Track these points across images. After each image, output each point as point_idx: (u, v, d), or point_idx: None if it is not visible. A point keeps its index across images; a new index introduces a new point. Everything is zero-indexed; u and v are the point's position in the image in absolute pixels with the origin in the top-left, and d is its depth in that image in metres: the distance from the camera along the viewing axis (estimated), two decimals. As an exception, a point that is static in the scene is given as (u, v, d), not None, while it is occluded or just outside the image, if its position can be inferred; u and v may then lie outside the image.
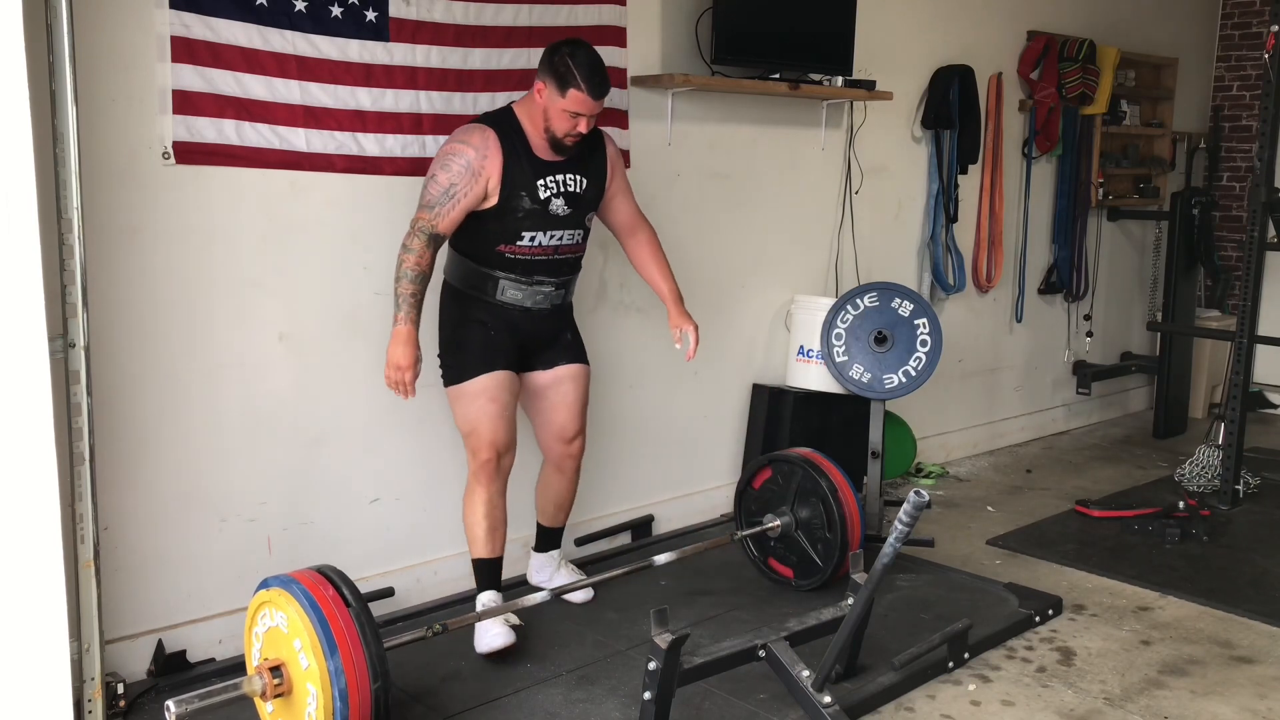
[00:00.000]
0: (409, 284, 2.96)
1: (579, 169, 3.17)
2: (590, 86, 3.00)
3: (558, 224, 3.14)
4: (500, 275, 3.13)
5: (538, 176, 3.08)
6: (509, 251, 3.11)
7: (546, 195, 3.10)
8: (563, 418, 3.35)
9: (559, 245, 3.17)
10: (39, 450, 2.25)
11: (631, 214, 3.41)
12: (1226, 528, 4.44)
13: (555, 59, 3.01)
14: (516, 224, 3.09)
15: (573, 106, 3.00)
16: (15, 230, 2.18)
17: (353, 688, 2.37)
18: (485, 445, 3.13)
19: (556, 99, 3.00)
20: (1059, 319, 6.02)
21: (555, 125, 3.04)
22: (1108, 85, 5.66)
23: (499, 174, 3.03)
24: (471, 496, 3.19)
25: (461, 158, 3.01)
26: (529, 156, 3.08)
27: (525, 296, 3.17)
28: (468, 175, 3.00)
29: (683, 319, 3.41)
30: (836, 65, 4.33)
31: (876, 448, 4.18)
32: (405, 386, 3.00)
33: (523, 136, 3.08)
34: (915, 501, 2.34)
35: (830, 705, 2.66)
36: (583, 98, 2.99)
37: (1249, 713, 2.96)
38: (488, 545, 3.19)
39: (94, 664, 2.65)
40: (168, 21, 2.87)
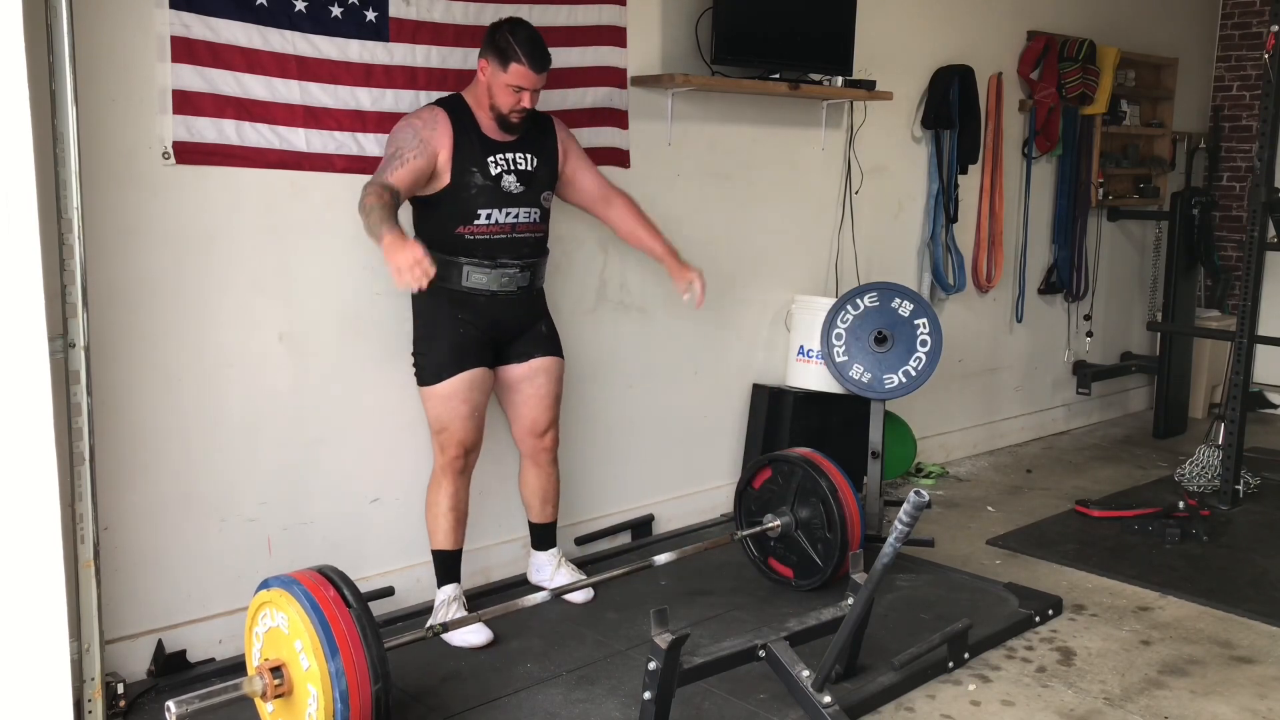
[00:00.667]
0: (380, 210, 2.84)
1: (529, 149, 3.23)
2: (531, 61, 3.06)
3: (512, 201, 3.18)
4: (463, 260, 3.16)
5: (487, 154, 3.14)
6: (468, 233, 3.15)
7: (498, 171, 3.15)
8: (535, 411, 3.39)
9: (516, 223, 3.20)
10: (39, 450, 2.25)
11: (599, 185, 3.45)
12: (1226, 528, 4.44)
13: (496, 36, 3.09)
14: (471, 201, 3.13)
15: (515, 80, 3.07)
16: (15, 230, 2.18)
17: (354, 689, 2.37)
18: (454, 444, 3.21)
19: (499, 75, 3.07)
20: (1059, 319, 6.02)
21: (500, 101, 3.10)
22: (1108, 85, 5.66)
23: (449, 149, 3.08)
24: (436, 489, 3.26)
25: (409, 128, 3.07)
26: (478, 134, 3.14)
27: (490, 280, 3.19)
28: (416, 143, 3.04)
29: (684, 269, 3.46)
30: (836, 65, 4.33)
31: (876, 448, 4.18)
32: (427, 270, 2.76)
33: (471, 116, 3.15)
34: (915, 501, 2.34)
35: (830, 705, 2.66)
36: (524, 71, 3.06)
37: (1249, 713, 2.96)
38: (451, 537, 3.26)
39: (94, 664, 2.65)
40: (168, 21, 2.86)
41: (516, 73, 3.06)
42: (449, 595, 3.26)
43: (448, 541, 3.27)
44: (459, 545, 3.29)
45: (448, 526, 3.25)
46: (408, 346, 3.43)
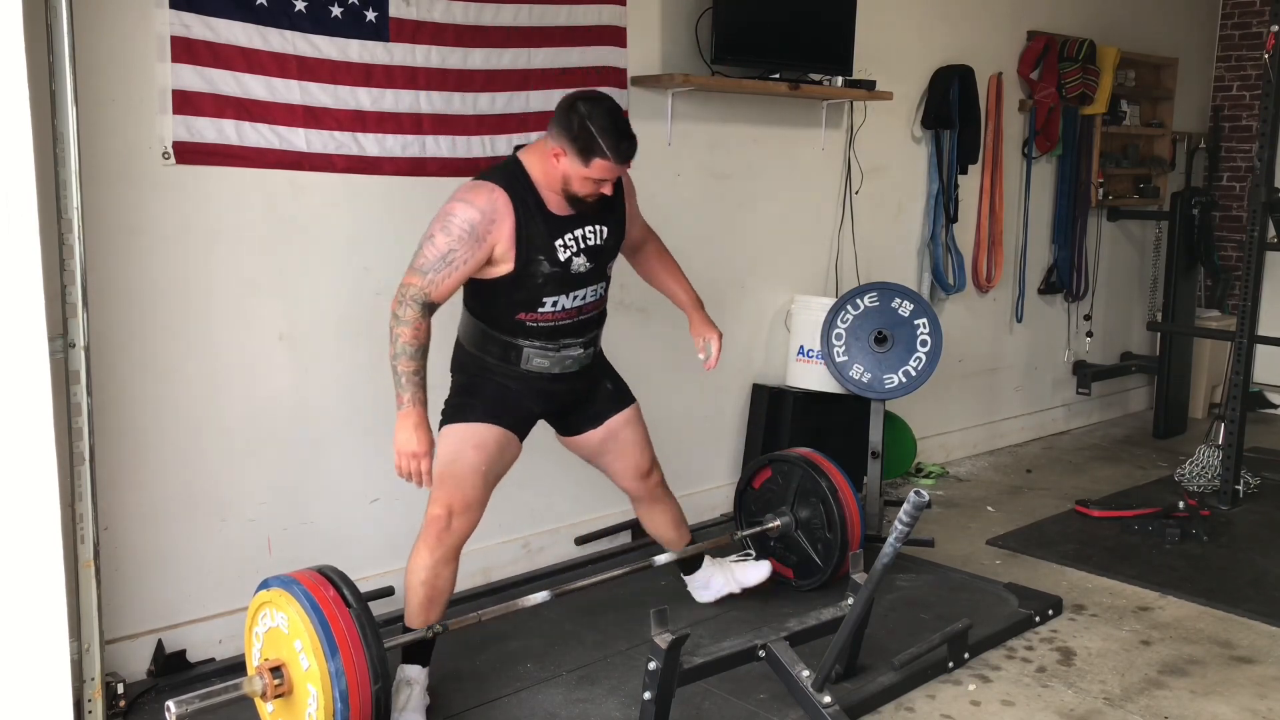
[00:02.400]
0: (409, 360, 2.65)
1: (598, 217, 2.86)
2: (618, 154, 2.69)
3: (580, 283, 2.85)
4: (524, 344, 2.85)
5: (555, 236, 2.76)
6: (530, 320, 2.83)
7: (566, 256, 2.79)
8: (632, 460, 3.17)
9: (583, 305, 2.89)
10: (39, 450, 2.25)
11: (641, 232, 3.17)
12: (1226, 528, 4.44)
13: (573, 121, 2.66)
14: (537, 290, 2.79)
15: (598, 175, 2.70)
16: (15, 230, 2.18)
17: (353, 689, 2.37)
18: (444, 497, 2.77)
19: (578, 168, 2.68)
20: (1059, 319, 6.02)
21: (577, 189, 2.73)
22: (1108, 85, 5.66)
23: (510, 238, 2.71)
24: (415, 558, 2.80)
25: (464, 219, 2.67)
26: (543, 215, 2.75)
27: (553, 364, 2.90)
28: (470, 240, 2.67)
29: (705, 326, 3.21)
30: (836, 65, 4.33)
31: (876, 448, 4.18)
32: (421, 475, 2.69)
33: (535, 193, 2.75)
34: (915, 501, 2.34)
35: (830, 705, 2.66)
36: (609, 166, 2.69)
37: (1249, 713, 2.96)
38: (421, 615, 2.80)
39: (94, 664, 2.65)
40: (168, 21, 2.86)
41: (601, 168, 2.68)
42: (409, 677, 2.80)
43: (417, 618, 2.79)
44: (426, 625, 2.81)
45: (418, 601, 2.79)
46: (408, 346, 3.43)
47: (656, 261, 3.24)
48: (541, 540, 3.87)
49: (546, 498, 3.85)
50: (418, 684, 2.81)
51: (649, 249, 3.23)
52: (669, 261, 3.26)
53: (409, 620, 2.82)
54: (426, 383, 2.71)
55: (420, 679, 2.82)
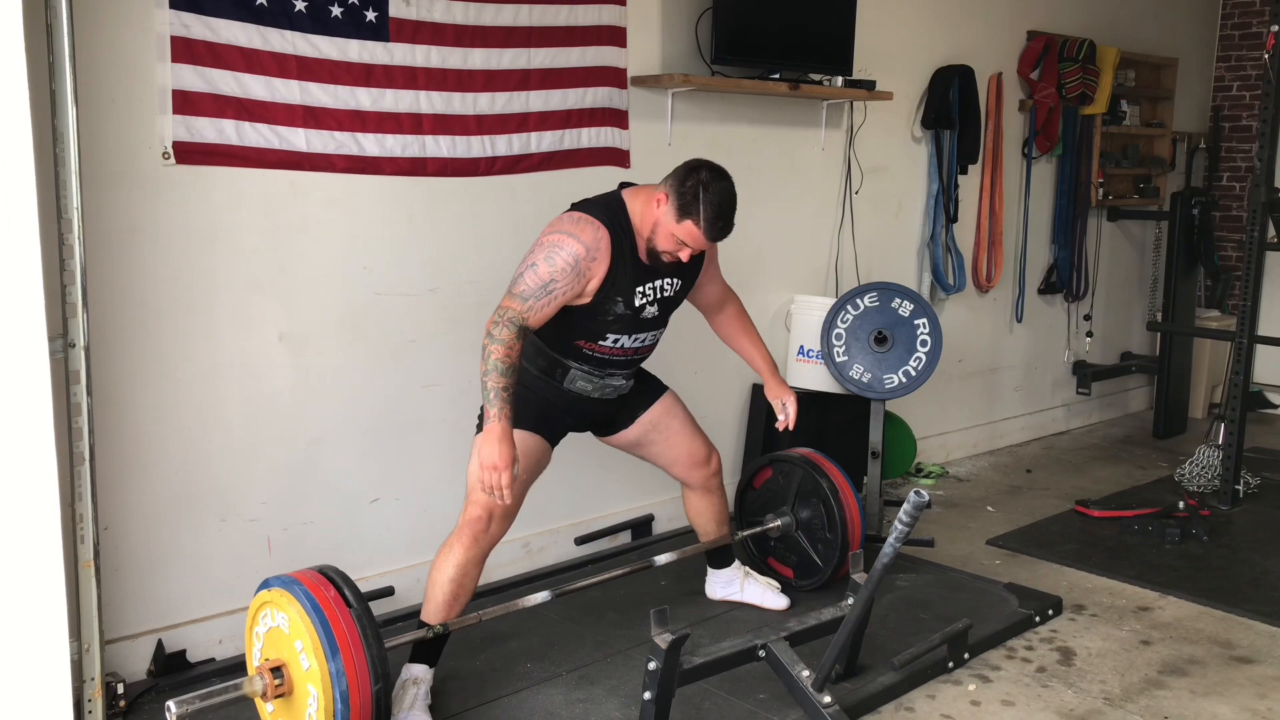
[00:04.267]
0: (500, 377, 2.67)
1: (679, 272, 2.97)
2: (710, 229, 2.79)
3: (644, 327, 2.96)
4: (573, 366, 2.94)
5: (638, 283, 2.87)
6: (588, 348, 2.92)
7: (642, 303, 2.90)
8: (685, 446, 3.23)
9: (640, 346, 3.00)
10: (39, 450, 2.25)
11: (720, 290, 3.26)
12: (1226, 528, 4.44)
13: (688, 180, 2.78)
14: (604, 326, 2.88)
15: (684, 236, 2.80)
16: (15, 230, 2.18)
17: (354, 689, 2.37)
18: (486, 499, 2.78)
19: (671, 220, 2.78)
20: (1059, 319, 6.02)
21: (659, 242, 2.83)
22: (1108, 85, 5.66)
23: (602, 278, 2.80)
24: (447, 554, 2.82)
25: (569, 253, 2.74)
26: (634, 261, 2.85)
27: (595, 389, 2.99)
28: (572, 275, 2.74)
29: (781, 389, 3.31)
30: (836, 65, 4.33)
31: (876, 448, 4.18)
32: (502, 490, 2.67)
33: (631, 238, 2.84)
34: (915, 501, 2.34)
35: (830, 705, 2.66)
36: (698, 234, 2.79)
37: (1249, 713, 2.96)
38: (443, 612, 2.81)
39: (94, 664, 2.65)
40: (168, 21, 2.86)
41: (689, 232, 2.78)
42: (415, 676, 2.81)
43: (438, 614, 2.80)
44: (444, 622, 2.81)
45: (442, 600, 2.80)
46: (408, 345, 3.44)
47: (735, 324, 3.35)
48: (541, 540, 3.87)
49: (546, 498, 3.84)
50: (424, 683, 2.81)
51: (729, 311, 3.33)
52: (748, 325, 3.37)
53: (428, 616, 2.82)
54: (514, 401, 2.71)
55: (426, 679, 2.82)
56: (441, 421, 3.53)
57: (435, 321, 3.50)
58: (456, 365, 3.54)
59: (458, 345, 3.54)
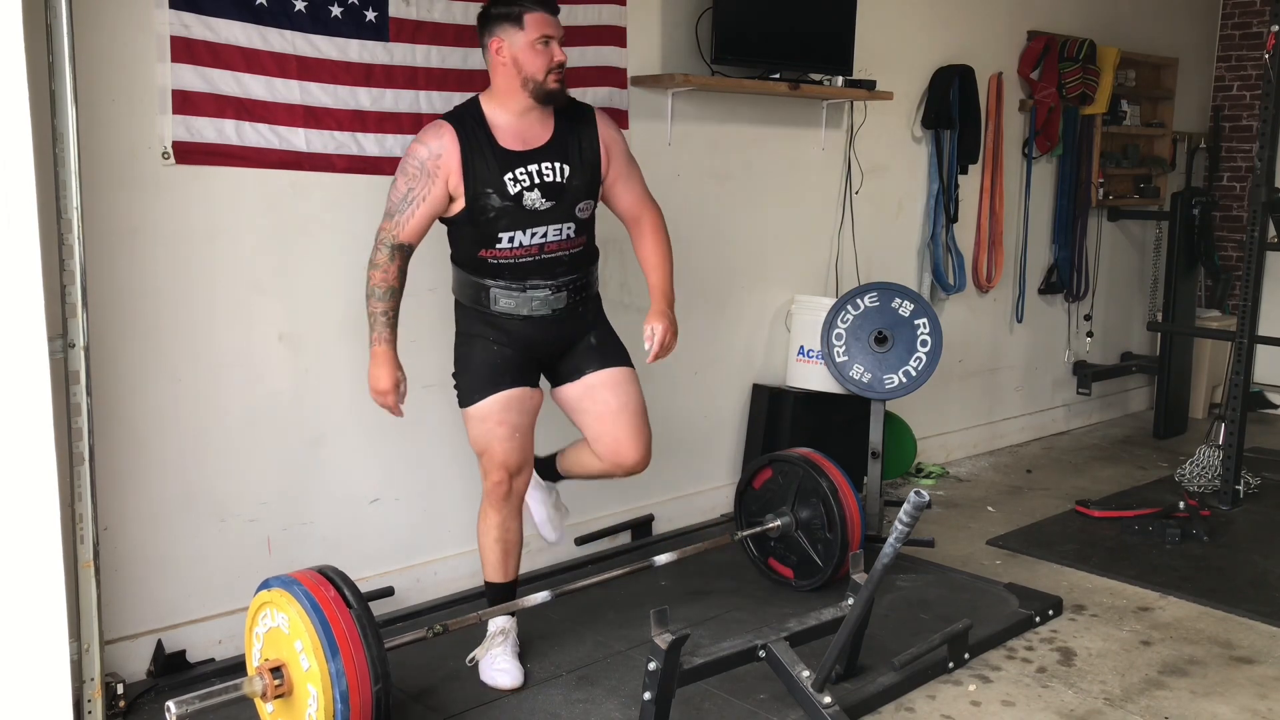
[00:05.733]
0: (378, 302, 2.82)
1: (559, 155, 2.88)
2: (541, 3, 2.81)
3: (538, 220, 2.87)
4: (490, 283, 2.92)
5: (505, 170, 2.82)
6: (490, 256, 2.89)
7: (517, 189, 2.83)
8: (611, 432, 3.05)
9: (544, 244, 2.90)
10: (39, 450, 2.25)
11: (635, 199, 3.10)
12: (1227, 528, 4.44)
13: (492, 9, 2.83)
14: (489, 224, 2.84)
15: (536, 31, 2.78)
16: (15, 230, 2.18)
17: (354, 689, 2.37)
18: (496, 467, 2.96)
19: (518, 37, 2.78)
20: (1059, 319, 6.02)
21: (533, 69, 2.79)
22: (1108, 85, 5.65)
23: (458, 171, 2.80)
24: (484, 519, 3.04)
25: (415, 159, 2.81)
26: (493, 149, 2.82)
27: (519, 304, 2.93)
28: (423, 177, 2.80)
29: (656, 315, 3.01)
30: (836, 65, 4.33)
31: (876, 448, 4.18)
32: (392, 408, 2.92)
33: (486, 129, 2.83)
34: (915, 501, 2.34)
35: (830, 705, 2.66)
36: (541, 17, 2.80)
37: (1249, 713, 2.96)
38: (500, 570, 3.06)
39: (94, 664, 2.65)
40: (167, 21, 2.86)
41: (534, 22, 2.78)
42: (500, 627, 3.06)
43: (496, 574, 3.06)
44: (509, 578, 3.07)
45: (495, 559, 3.04)
46: (408, 345, 3.43)
47: (647, 240, 3.11)
48: (541, 540, 3.87)
49: (546, 498, 3.85)
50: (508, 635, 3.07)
51: (645, 224, 3.11)
52: (657, 242, 3.11)
53: (491, 576, 3.07)
54: (397, 323, 2.87)
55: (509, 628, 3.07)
56: (441, 421, 3.52)
57: (435, 321, 3.49)
58: (456, 365, 3.54)
59: (458, 345, 3.54)
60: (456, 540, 3.62)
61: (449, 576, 3.61)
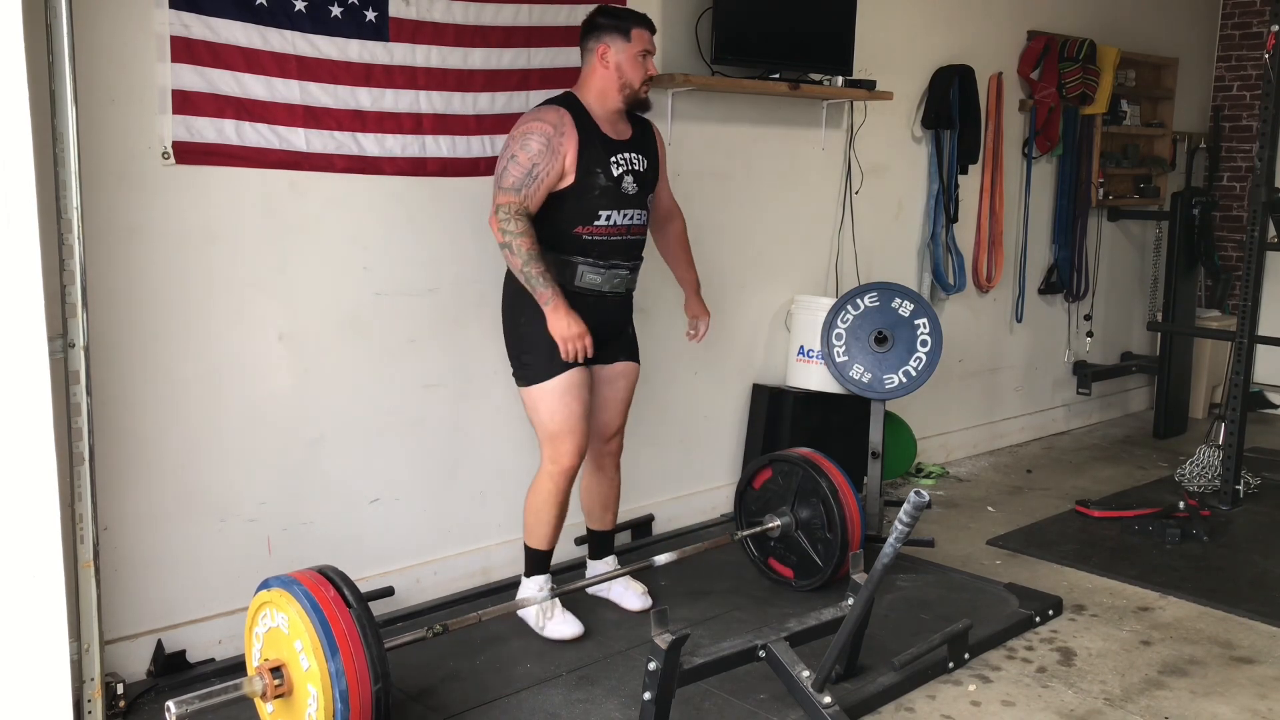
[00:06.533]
0: (536, 262, 2.99)
1: (641, 149, 3.22)
2: (644, 21, 3.16)
3: (629, 202, 3.16)
4: (579, 260, 3.13)
5: (610, 154, 3.12)
6: (586, 233, 3.12)
7: (619, 172, 3.13)
8: (608, 415, 3.37)
9: (631, 225, 3.19)
10: (39, 450, 2.25)
11: (669, 202, 3.52)
12: (1227, 528, 4.44)
13: (600, 19, 3.15)
14: (594, 203, 3.10)
15: (640, 45, 3.11)
16: (15, 230, 2.18)
17: (353, 689, 2.37)
18: (572, 451, 3.16)
19: (624, 47, 3.10)
20: (1059, 319, 6.02)
21: (632, 76, 3.11)
22: (1108, 85, 5.66)
23: (575, 151, 3.05)
24: (542, 493, 3.21)
25: (540, 136, 3.02)
26: (600, 135, 3.12)
27: (604, 281, 3.17)
28: (548, 153, 3.02)
29: (700, 308, 3.60)
30: (836, 65, 4.33)
31: (876, 448, 4.18)
32: (588, 348, 3.06)
33: (590, 117, 3.12)
34: (915, 501, 2.34)
35: (830, 705, 2.66)
36: (644, 33, 3.13)
37: (1249, 713, 2.96)
38: (549, 539, 3.29)
39: (94, 664, 2.65)
40: (167, 21, 2.86)
41: (639, 37, 3.11)
42: (540, 584, 3.30)
43: (544, 543, 3.29)
44: (553, 545, 3.31)
45: (548, 530, 3.26)
46: (408, 346, 3.43)
47: (678, 241, 3.57)
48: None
49: (546, 498, 3.85)
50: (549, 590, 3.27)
51: (675, 226, 3.56)
52: (687, 244, 3.60)
53: (538, 543, 3.28)
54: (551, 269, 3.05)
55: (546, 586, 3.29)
56: (442, 421, 3.53)
57: (435, 321, 3.50)
58: (457, 365, 3.54)
59: (458, 345, 3.54)
60: (456, 540, 3.62)
61: (449, 576, 3.61)
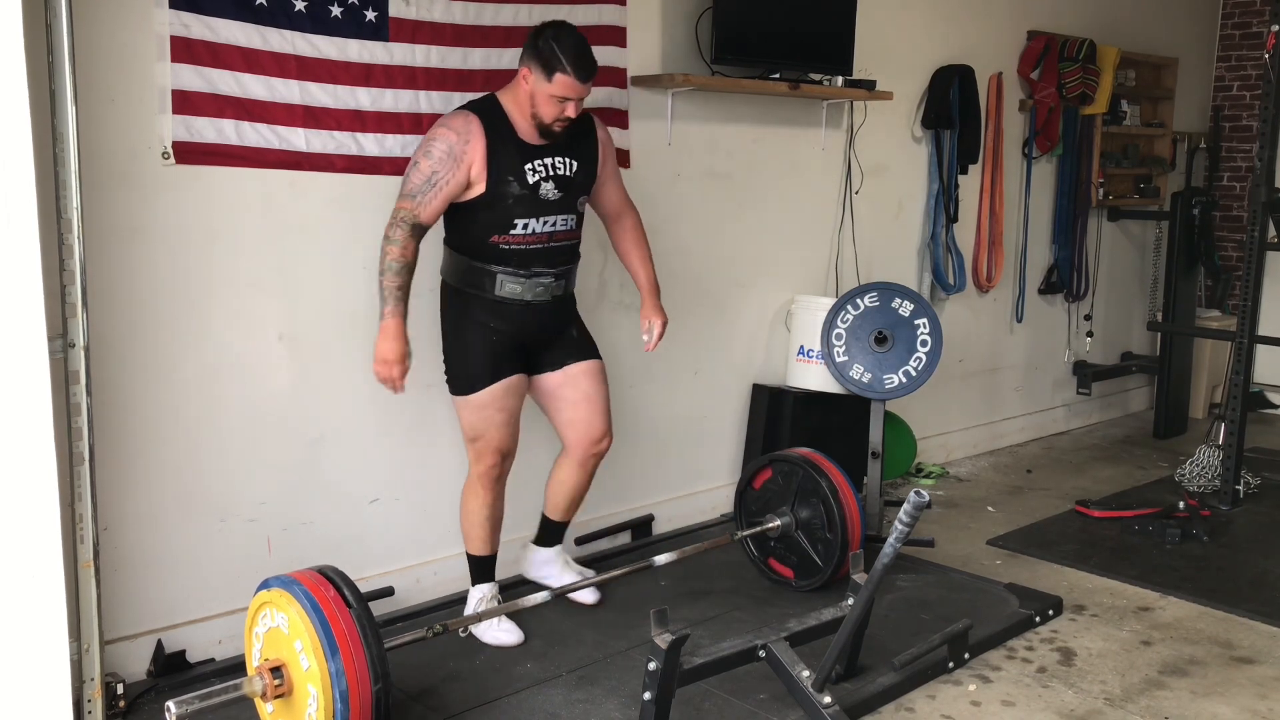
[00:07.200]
0: (394, 276, 2.92)
1: (568, 152, 3.10)
2: (577, 70, 2.94)
3: (549, 209, 3.07)
4: (497, 269, 3.06)
5: (524, 161, 3.01)
6: (503, 242, 3.05)
7: (535, 179, 3.02)
8: (585, 415, 3.29)
9: (553, 232, 3.10)
10: (39, 450, 2.25)
11: (619, 200, 3.37)
12: (1227, 528, 4.44)
13: (540, 43, 2.95)
14: (508, 211, 3.02)
15: (560, 91, 2.94)
16: (15, 230, 2.18)
17: (353, 689, 2.37)
18: (491, 452, 3.16)
19: (543, 84, 2.94)
20: (1059, 319, 6.02)
21: (542, 111, 2.98)
22: (1108, 85, 5.65)
23: (483, 159, 2.96)
24: (473, 498, 3.23)
25: (443, 143, 2.95)
26: (515, 141, 3.01)
27: (525, 289, 3.10)
28: (450, 161, 2.94)
29: (653, 311, 3.40)
30: (836, 65, 4.33)
31: (876, 448, 4.18)
32: (394, 382, 2.98)
33: (508, 122, 3.01)
34: (915, 502, 2.34)
35: (830, 705, 2.65)
36: (570, 82, 2.94)
37: (1249, 713, 2.95)
38: (488, 544, 3.28)
39: (94, 664, 2.65)
40: (167, 21, 2.86)
41: (562, 84, 2.93)
42: (485, 594, 3.29)
43: (484, 548, 3.28)
44: (494, 550, 3.30)
45: (484, 535, 3.25)
46: (408, 346, 3.43)
47: (630, 238, 3.40)
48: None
49: (546, 498, 3.85)
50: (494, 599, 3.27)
51: (626, 223, 3.39)
52: (641, 242, 3.41)
53: (476, 549, 3.26)
54: (408, 299, 2.97)
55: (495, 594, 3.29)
56: (442, 421, 3.52)
57: (435, 321, 3.49)
58: (456, 365, 3.54)
59: (458, 345, 3.53)
60: (457, 540, 3.61)
61: (449, 576, 3.60)
